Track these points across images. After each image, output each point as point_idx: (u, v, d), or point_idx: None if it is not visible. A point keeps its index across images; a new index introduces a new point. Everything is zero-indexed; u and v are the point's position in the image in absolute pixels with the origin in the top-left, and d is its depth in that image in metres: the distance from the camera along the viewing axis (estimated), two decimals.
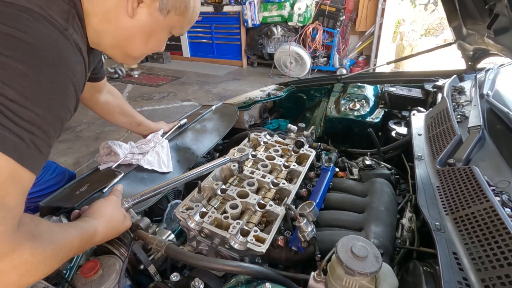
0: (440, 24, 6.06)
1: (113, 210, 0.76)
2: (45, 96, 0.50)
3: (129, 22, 0.66)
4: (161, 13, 0.68)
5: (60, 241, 0.55)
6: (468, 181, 0.87)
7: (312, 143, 1.42)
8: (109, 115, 1.22)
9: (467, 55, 1.79)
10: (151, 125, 1.36)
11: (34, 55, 0.49)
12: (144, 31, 0.70)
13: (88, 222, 0.68)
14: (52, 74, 0.51)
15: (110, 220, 0.73)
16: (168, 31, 0.75)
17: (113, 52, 0.74)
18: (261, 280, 0.72)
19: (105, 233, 0.71)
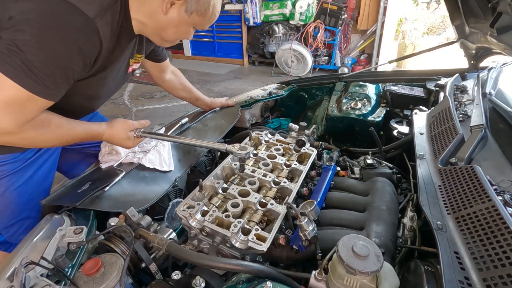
0: (442, 22, 6.02)
1: (121, 128, 1.06)
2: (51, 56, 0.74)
3: (163, 18, 0.90)
4: (186, 13, 0.91)
5: (64, 133, 0.90)
6: (470, 181, 0.86)
7: (313, 142, 1.42)
8: (173, 91, 1.51)
9: (470, 54, 1.78)
10: (207, 101, 1.62)
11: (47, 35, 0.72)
12: (173, 24, 0.93)
13: (98, 125, 1.01)
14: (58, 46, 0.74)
15: (115, 133, 1.05)
16: (192, 26, 0.98)
17: (153, 37, 1.01)
18: (262, 278, 0.72)
19: (108, 138, 1.06)
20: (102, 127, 1.02)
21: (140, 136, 1.10)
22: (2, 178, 1.01)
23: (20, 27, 0.69)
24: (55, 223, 0.88)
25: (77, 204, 0.93)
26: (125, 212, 0.87)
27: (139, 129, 1.11)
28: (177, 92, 1.53)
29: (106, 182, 1.04)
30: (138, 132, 1.10)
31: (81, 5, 0.74)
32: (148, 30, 0.96)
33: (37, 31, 0.70)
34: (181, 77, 1.52)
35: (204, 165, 1.44)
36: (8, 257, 0.78)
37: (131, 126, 1.08)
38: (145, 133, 1.11)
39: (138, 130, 1.10)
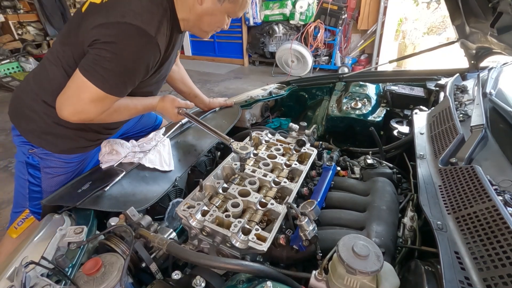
0: (442, 22, 6.01)
1: (170, 103, 1.26)
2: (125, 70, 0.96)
3: (200, 8, 1.03)
4: (219, 2, 1.02)
5: (129, 111, 1.13)
6: (470, 180, 0.86)
7: (313, 142, 1.42)
8: (172, 82, 1.55)
9: (470, 54, 1.78)
10: (205, 100, 1.65)
11: (122, 54, 0.93)
12: (208, 13, 1.05)
13: (153, 99, 1.23)
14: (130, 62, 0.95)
15: (165, 106, 1.25)
16: (225, 14, 1.08)
17: (194, 30, 1.14)
18: (262, 278, 0.72)
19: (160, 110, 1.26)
20: (156, 100, 1.24)
21: (181, 114, 1.28)
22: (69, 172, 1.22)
23: (103, 46, 0.91)
24: (55, 223, 0.88)
25: (78, 204, 0.93)
26: (125, 212, 0.87)
27: (183, 108, 1.28)
28: (176, 84, 1.57)
29: (107, 182, 1.04)
30: (181, 110, 1.27)
31: (145, 26, 0.91)
32: (190, 24, 1.09)
33: (115, 51, 0.91)
34: (183, 70, 1.56)
35: (204, 165, 1.44)
36: (8, 256, 0.78)
37: (177, 103, 1.27)
38: (185, 113, 1.28)
39: (181, 108, 1.27)
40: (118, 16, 0.90)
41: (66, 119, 0.97)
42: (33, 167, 1.16)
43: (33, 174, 1.17)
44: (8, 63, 5.41)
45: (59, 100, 0.96)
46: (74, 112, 0.96)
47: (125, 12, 0.91)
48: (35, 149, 1.13)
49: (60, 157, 1.16)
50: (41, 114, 1.08)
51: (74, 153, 1.19)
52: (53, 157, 1.15)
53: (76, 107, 0.95)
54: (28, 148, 1.13)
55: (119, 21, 0.90)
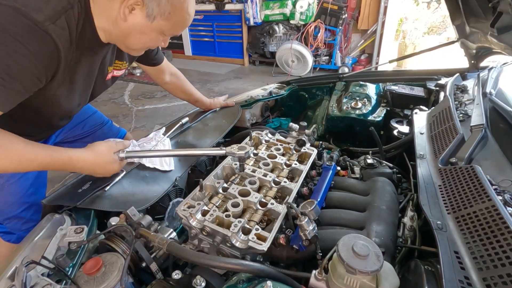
0: (443, 22, 6.00)
1: (103, 150, 0.95)
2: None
3: (124, 25, 0.83)
4: (148, 18, 0.82)
5: (20, 160, 0.78)
6: (470, 180, 0.86)
7: (313, 141, 1.42)
8: (172, 92, 1.54)
9: (470, 54, 1.78)
10: (206, 102, 1.62)
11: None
12: (136, 31, 0.86)
13: (65, 151, 0.88)
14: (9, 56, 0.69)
15: (97, 156, 0.93)
16: (159, 33, 0.89)
17: (119, 45, 0.94)
18: (262, 278, 0.72)
19: (89, 164, 0.93)
20: (78, 154, 0.91)
21: (124, 158, 1.01)
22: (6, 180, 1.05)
23: None
24: (55, 222, 0.89)
25: (78, 203, 0.94)
26: (125, 212, 0.87)
27: (123, 150, 1.01)
28: (176, 93, 1.55)
29: (107, 181, 1.04)
30: (123, 153, 1.01)
31: (28, 9, 0.70)
32: (113, 38, 0.90)
33: None
34: (181, 78, 1.52)
35: (204, 164, 1.44)
36: (9, 256, 0.78)
37: (114, 147, 0.99)
38: (129, 153, 1.02)
39: (122, 151, 1.01)
40: None
41: None
42: None
43: None
44: None
45: None
46: None
47: None
48: None
49: None
50: None
51: None
52: None
53: None
54: None
55: None
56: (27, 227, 1.12)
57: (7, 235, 1.18)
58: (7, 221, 1.14)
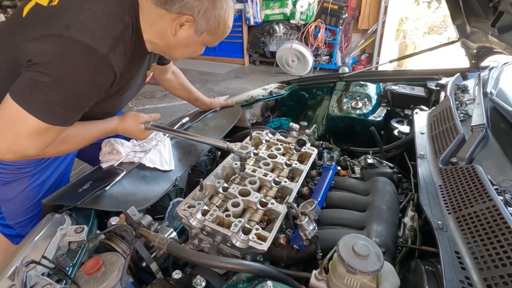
0: (443, 22, 5.99)
1: (132, 121, 1.11)
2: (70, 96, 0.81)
3: (173, 39, 0.91)
4: (195, 33, 0.91)
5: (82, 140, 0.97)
6: (470, 180, 0.86)
7: (314, 141, 1.42)
8: (171, 89, 1.53)
9: (471, 53, 1.77)
10: (206, 101, 1.62)
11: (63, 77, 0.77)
12: (182, 44, 0.94)
13: (110, 122, 1.06)
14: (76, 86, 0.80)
15: (127, 126, 1.10)
16: (202, 45, 0.98)
17: (163, 54, 1.03)
18: (262, 278, 0.72)
19: (123, 131, 1.11)
20: (115, 123, 1.08)
21: (149, 128, 1.15)
22: (24, 177, 1.06)
23: (40, 69, 0.74)
24: (56, 222, 0.89)
25: (78, 203, 0.94)
26: (125, 212, 0.87)
27: (149, 122, 1.16)
28: (176, 91, 1.55)
29: (107, 181, 1.04)
30: (148, 124, 1.15)
31: (95, 43, 0.76)
32: (159, 49, 0.98)
33: (55, 74, 0.75)
34: (181, 77, 1.53)
35: (204, 164, 1.44)
36: (9, 256, 0.78)
37: (141, 119, 1.13)
38: (154, 126, 1.16)
39: (148, 123, 1.15)
40: (62, 27, 0.75)
41: (1, 157, 0.81)
42: None
43: None
44: None
45: None
46: (8, 150, 0.79)
47: (71, 23, 0.75)
48: None
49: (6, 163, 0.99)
50: None
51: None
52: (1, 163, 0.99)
53: (11, 144, 0.78)
54: None
55: (62, 34, 0.74)
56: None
57: (16, 238, 1.19)
58: (18, 225, 1.14)
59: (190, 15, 0.85)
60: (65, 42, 0.74)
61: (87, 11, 0.78)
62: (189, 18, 0.85)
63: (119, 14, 0.82)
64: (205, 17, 0.86)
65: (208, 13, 0.86)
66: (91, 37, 0.76)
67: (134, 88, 1.11)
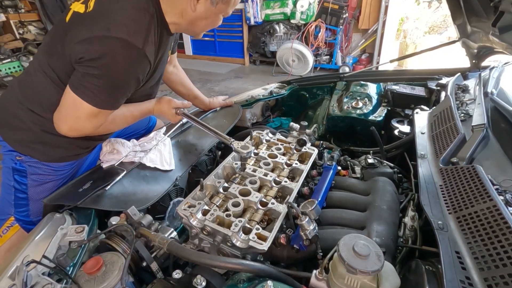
0: (444, 21, 5.98)
1: (167, 104, 1.27)
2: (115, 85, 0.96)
3: (193, 14, 1.00)
4: (212, 5, 0.99)
5: (126, 120, 1.14)
6: (471, 180, 0.86)
7: (314, 141, 1.42)
8: (171, 84, 1.55)
9: (472, 53, 1.77)
10: (205, 101, 1.65)
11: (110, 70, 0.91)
12: (202, 17, 1.03)
13: (149, 103, 1.23)
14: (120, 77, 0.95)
15: (162, 109, 1.27)
16: (219, 14, 1.05)
17: (187, 32, 1.12)
18: (263, 278, 0.72)
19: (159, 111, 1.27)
20: (152, 104, 1.24)
21: (179, 114, 1.29)
22: (59, 179, 1.17)
23: (90, 64, 0.88)
24: (56, 222, 0.89)
25: (79, 203, 0.94)
26: (126, 211, 0.87)
27: (180, 108, 1.28)
28: (175, 86, 1.56)
29: (107, 181, 1.04)
30: (179, 110, 1.28)
31: (132, 39, 0.88)
32: (182, 28, 1.07)
33: (103, 68, 0.89)
34: (182, 73, 1.55)
35: (205, 164, 1.44)
36: (10, 255, 0.78)
37: (174, 104, 1.28)
38: (183, 113, 1.28)
39: (179, 109, 1.28)
40: (103, 29, 0.87)
41: (65, 134, 0.99)
42: (19, 173, 1.12)
43: (19, 180, 1.12)
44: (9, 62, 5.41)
45: (55, 117, 0.98)
46: (71, 129, 0.98)
47: (110, 24, 0.87)
48: (22, 157, 1.09)
49: (49, 165, 1.12)
50: (28, 123, 1.04)
51: (65, 161, 1.15)
52: (42, 165, 1.11)
53: (72, 124, 0.97)
54: (16, 155, 1.09)
55: (105, 35, 0.87)
56: None
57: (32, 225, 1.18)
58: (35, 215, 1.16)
59: None
60: (108, 41, 0.87)
61: (120, 10, 0.89)
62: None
63: (144, 5, 0.92)
64: None
65: None
66: (128, 33, 0.88)
67: (162, 67, 1.21)
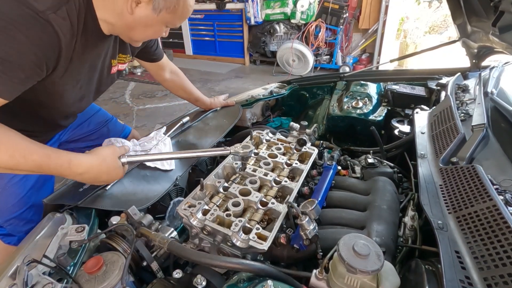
0: (444, 21, 5.98)
1: (109, 155, 0.90)
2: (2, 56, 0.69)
3: (130, 18, 0.85)
4: (154, 11, 0.85)
5: (14, 155, 0.73)
6: (471, 180, 0.86)
7: (314, 141, 1.42)
8: (172, 90, 1.53)
9: (472, 53, 1.77)
10: (206, 101, 1.61)
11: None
12: (141, 24, 0.88)
13: (66, 153, 0.83)
14: (7, 44, 0.69)
15: (102, 161, 0.87)
16: (163, 24, 0.92)
17: (122, 37, 0.96)
18: (263, 277, 0.72)
19: (94, 169, 0.86)
20: (82, 157, 0.85)
21: (125, 163, 0.95)
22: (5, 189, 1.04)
23: None
24: (57, 221, 0.89)
25: (79, 202, 0.94)
26: (126, 211, 0.87)
27: (124, 154, 0.95)
28: (177, 91, 1.55)
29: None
30: (124, 158, 0.94)
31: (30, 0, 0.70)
32: (117, 30, 0.92)
33: None
34: (182, 77, 1.53)
35: (205, 164, 1.44)
36: (10, 255, 0.78)
37: (118, 152, 0.93)
38: (130, 158, 0.95)
39: (123, 155, 0.95)
40: None
41: None
42: None
43: None
44: None
45: None
46: None
47: None
48: None
49: None
50: None
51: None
52: None
53: None
54: None
55: None
56: (27, 228, 1.09)
57: (8, 237, 1.17)
58: (7, 223, 1.13)
59: None
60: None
61: None
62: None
63: None
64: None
65: None
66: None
67: (95, 77, 0.99)
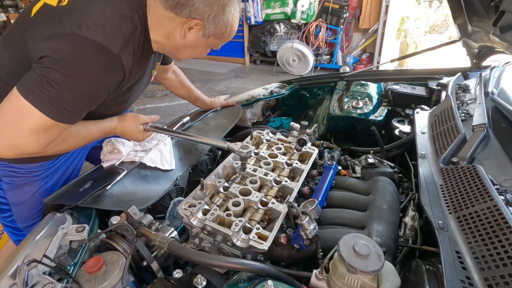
0: (445, 21, 5.97)
1: (132, 122, 1.10)
2: (79, 94, 0.81)
3: (181, 41, 0.92)
4: (203, 37, 0.92)
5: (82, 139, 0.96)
6: (472, 180, 0.86)
7: (314, 141, 1.42)
8: (171, 88, 1.54)
9: (472, 53, 1.77)
10: (207, 101, 1.63)
11: (75, 75, 0.77)
12: (189, 46, 0.96)
13: (110, 121, 1.05)
14: (86, 85, 0.81)
15: (126, 127, 1.09)
16: (208, 47, 1.01)
17: (169, 54, 1.05)
18: (263, 277, 0.72)
19: (122, 131, 1.09)
20: (114, 123, 1.07)
21: (149, 130, 1.13)
22: (35, 181, 1.06)
23: (52, 65, 0.74)
24: (57, 221, 0.89)
25: (79, 202, 0.94)
26: (126, 211, 0.87)
27: (148, 123, 1.14)
28: (177, 90, 1.55)
29: (108, 180, 1.04)
30: (147, 126, 1.13)
31: (107, 42, 0.77)
32: (165, 49, 0.98)
33: (66, 71, 0.75)
34: (182, 76, 1.54)
35: (205, 164, 1.44)
36: (10, 255, 0.78)
37: (141, 120, 1.12)
38: (153, 128, 1.14)
39: (147, 124, 1.14)
40: (74, 26, 0.75)
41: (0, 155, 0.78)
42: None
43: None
44: None
45: None
46: (9, 147, 0.76)
47: (82, 22, 0.75)
48: None
49: (19, 167, 1.00)
50: None
51: (36, 162, 1.02)
52: (12, 167, 1.00)
53: (13, 140, 0.75)
54: None
55: (74, 33, 0.74)
56: None
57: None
58: (27, 229, 1.13)
59: (199, 20, 0.86)
60: (78, 41, 0.75)
61: (98, 11, 0.78)
62: (199, 23, 0.87)
63: (129, 14, 0.82)
64: (214, 22, 0.88)
65: (217, 19, 0.88)
66: (103, 35, 0.76)
67: (141, 88, 1.11)
